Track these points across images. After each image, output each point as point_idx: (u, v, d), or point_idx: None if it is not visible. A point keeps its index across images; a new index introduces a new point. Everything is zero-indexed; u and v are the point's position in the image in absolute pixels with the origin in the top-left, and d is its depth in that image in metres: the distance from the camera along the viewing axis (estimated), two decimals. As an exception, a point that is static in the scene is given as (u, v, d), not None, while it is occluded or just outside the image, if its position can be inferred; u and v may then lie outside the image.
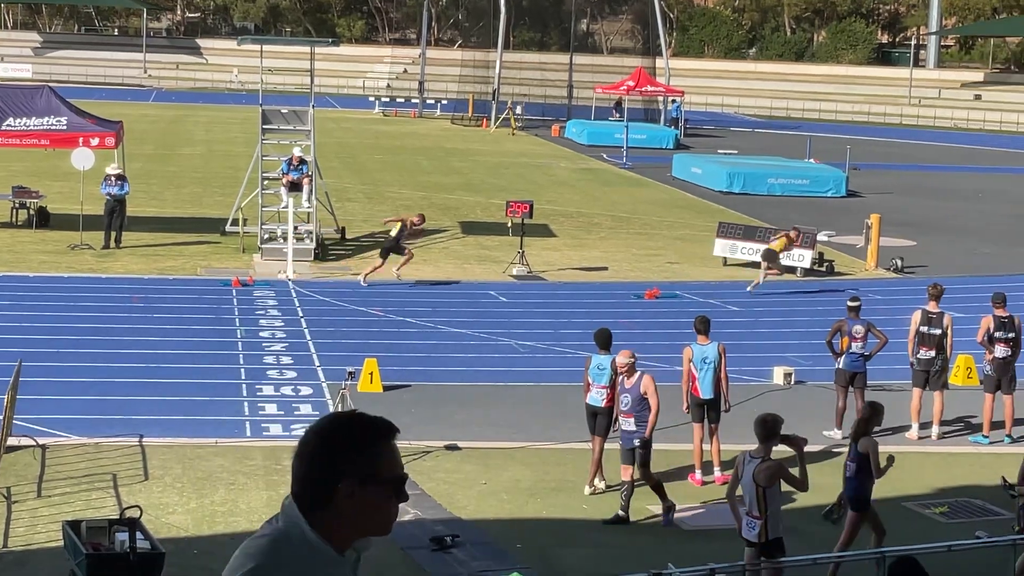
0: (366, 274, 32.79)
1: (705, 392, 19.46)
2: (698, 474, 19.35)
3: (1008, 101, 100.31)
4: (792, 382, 25.00)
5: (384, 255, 32.68)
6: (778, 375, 25.11)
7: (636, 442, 17.56)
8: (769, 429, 14.12)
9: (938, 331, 21.97)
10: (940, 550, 13.79)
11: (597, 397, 18.79)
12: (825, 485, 19.03)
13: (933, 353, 21.96)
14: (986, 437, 22.09)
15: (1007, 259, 40.25)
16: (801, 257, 36.14)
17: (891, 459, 16.23)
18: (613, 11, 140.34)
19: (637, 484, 17.72)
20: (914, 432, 22.13)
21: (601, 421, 18.71)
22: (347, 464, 4.04)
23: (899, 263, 37.56)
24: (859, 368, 21.82)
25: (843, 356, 21.83)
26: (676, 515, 17.83)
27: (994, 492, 18.40)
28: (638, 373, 17.78)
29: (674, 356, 25.80)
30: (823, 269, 36.76)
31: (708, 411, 19.54)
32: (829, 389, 23.02)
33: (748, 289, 33.48)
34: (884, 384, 24.11)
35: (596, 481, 18.72)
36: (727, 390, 19.76)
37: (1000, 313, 22.26)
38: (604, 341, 19.07)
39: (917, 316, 22.29)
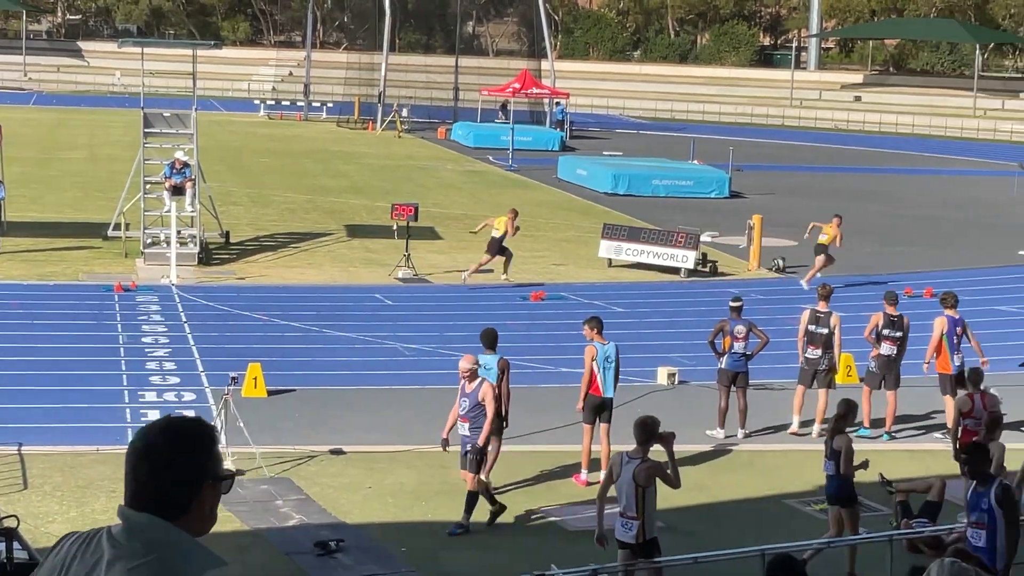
0: (471, 272, 33.80)
1: (607, 391, 19.45)
2: (583, 474, 19.43)
3: (887, 102, 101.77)
4: (676, 382, 25.20)
5: (492, 253, 33.57)
6: (662, 375, 25.30)
7: (468, 447, 17.48)
8: (649, 431, 14.19)
9: (825, 330, 22.28)
10: (819, 546, 13.97)
11: (485, 397, 18.86)
12: (707, 484, 19.25)
13: (820, 352, 22.28)
14: (867, 429, 22.46)
15: (887, 258, 40.85)
16: (685, 258, 36.46)
17: (866, 463, 16.48)
18: (498, 13, 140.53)
19: (495, 489, 17.65)
20: (795, 425, 22.47)
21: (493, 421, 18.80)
22: (207, 466, 4.04)
23: (781, 263, 38.01)
24: (741, 368, 22.06)
25: (726, 356, 22.05)
26: (560, 517, 17.91)
27: (873, 489, 18.68)
28: (479, 379, 17.62)
29: (559, 358, 26.08)
30: (707, 270, 37.09)
31: (603, 410, 19.55)
32: (712, 389, 23.24)
33: (802, 283, 34.61)
34: (766, 383, 24.40)
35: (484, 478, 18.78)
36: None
37: (891, 311, 22.70)
38: (490, 341, 19.12)
39: (806, 315, 22.64)
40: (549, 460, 20.11)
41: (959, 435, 18.15)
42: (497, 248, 33.65)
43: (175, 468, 3.99)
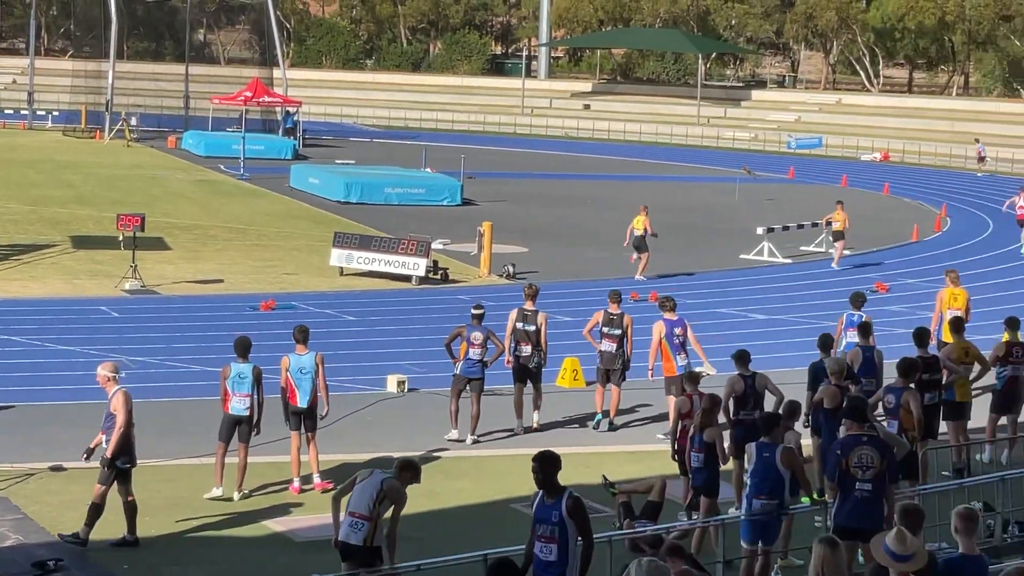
0: (641, 269, 38.62)
1: (303, 401, 19.43)
2: (296, 482, 19.40)
3: (614, 111, 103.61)
4: (406, 390, 25.25)
5: (640, 250, 39.00)
6: (392, 383, 25.32)
7: (102, 460, 17.10)
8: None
9: (533, 327, 22.94)
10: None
11: (240, 406, 18.77)
12: (435, 491, 19.31)
13: (530, 349, 22.91)
14: (604, 423, 23.36)
15: (615, 263, 41.51)
16: (416, 266, 36.61)
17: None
18: (230, 21, 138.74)
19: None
20: (519, 427, 23.02)
21: (243, 429, 18.73)
22: None
23: (511, 269, 38.42)
24: (476, 374, 22.34)
25: (461, 362, 22.34)
26: (286, 528, 17.80)
27: (597, 490, 18.99)
28: (115, 388, 17.23)
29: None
30: (438, 277, 37.28)
31: (305, 419, 19.52)
32: (442, 396, 23.53)
33: (833, 266, 41.58)
34: (496, 389, 24.65)
35: (237, 491, 18.83)
36: (327, 398, 19.80)
37: (612, 309, 23.37)
38: (243, 349, 19.03)
39: (514, 314, 23.24)
40: (275, 472, 19.94)
41: (678, 435, 18.58)
42: (641, 245, 39.01)
43: None
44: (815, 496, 16.98)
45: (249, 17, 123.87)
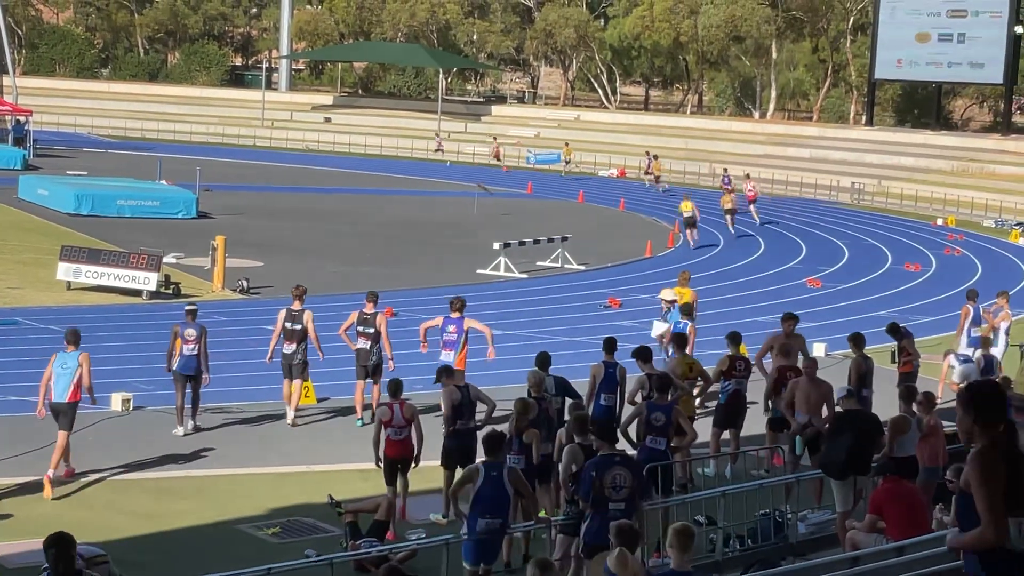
0: (693, 244, 50.95)
1: (57, 396, 19.71)
2: (54, 472, 19.31)
3: (356, 124, 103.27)
4: (131, 408, 24.63)
5: (692, 227, 51.20)
6: (116, 402, 24.66)
7: None
8: None
9: (299, 326, 24.07)
10: (260, 573, 13.87)
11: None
12: (156, 512, 18.84)
13: (295, 346, 24.07)
14: (361, 420, 24.24)
15: (353, 278, 41.20)
16: (147, 280, 35.83)
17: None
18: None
19: None
20: (290, 417, 24.09)
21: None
22: None
23: (245, 284, 37.87)
24: (192, 370, 23.06)
25: (178, 358, 23.10)
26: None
27: (324, 510, 18.85)
28: None
29: (5, 386, 25.11)
30: (170, 291, 36.55)
31: (60, 417, 19.64)
32: (168, 414, 23.25)
33: (731, 231, 54.22)
34: (224, 407, 24.34)
35: None
36: (92, 395, 20.06)
37: (367, 310, 24.56)
38: None
39: (282, 314, 24.38)
40: (-8, 494, 19.26)
41: (382, 444, 18.77)
42: (694, 222, 51.24)
43: None
44: (541, 513, 17.04)
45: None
